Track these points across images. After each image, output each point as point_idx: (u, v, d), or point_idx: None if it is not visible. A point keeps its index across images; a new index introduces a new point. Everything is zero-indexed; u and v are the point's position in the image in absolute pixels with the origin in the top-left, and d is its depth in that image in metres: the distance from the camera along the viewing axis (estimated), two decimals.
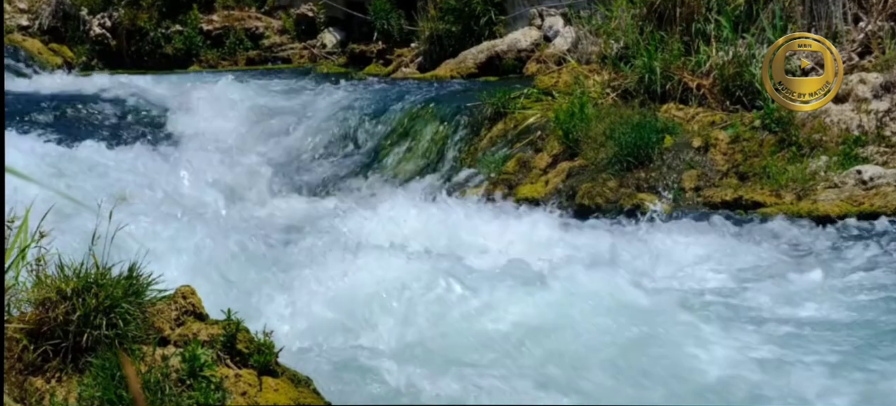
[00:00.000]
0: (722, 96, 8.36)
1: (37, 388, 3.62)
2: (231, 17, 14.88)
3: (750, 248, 6.41)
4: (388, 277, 5.31)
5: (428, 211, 7.37)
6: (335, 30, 14.58)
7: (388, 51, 13.72)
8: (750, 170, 7.37)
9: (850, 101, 7.61)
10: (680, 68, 8.62)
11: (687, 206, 7.22)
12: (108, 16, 14.70)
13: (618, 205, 7.36)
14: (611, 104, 8.59)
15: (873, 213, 6.64)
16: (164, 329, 3.90)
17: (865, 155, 7.20)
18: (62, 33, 14.74)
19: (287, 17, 14.93)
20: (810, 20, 8.70)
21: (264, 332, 3.94)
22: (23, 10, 14.92)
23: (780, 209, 6.92)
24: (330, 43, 14.49)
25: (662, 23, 9.15)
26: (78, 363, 3.66)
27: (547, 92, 9.51)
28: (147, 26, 14.66)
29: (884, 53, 7.99)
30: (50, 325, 3.66)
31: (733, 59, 8.37)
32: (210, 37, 14.70)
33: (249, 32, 14.80)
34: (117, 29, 14.70)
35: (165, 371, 3.61)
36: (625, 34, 9.36)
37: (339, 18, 14.61)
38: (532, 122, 8.87)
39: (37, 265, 3.76)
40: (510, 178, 8.23)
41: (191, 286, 4.09)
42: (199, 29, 14.66)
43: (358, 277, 5.40)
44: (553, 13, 11.91)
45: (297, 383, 4.00)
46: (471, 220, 7.12)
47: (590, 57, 10.01)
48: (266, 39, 14.83)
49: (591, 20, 10.54)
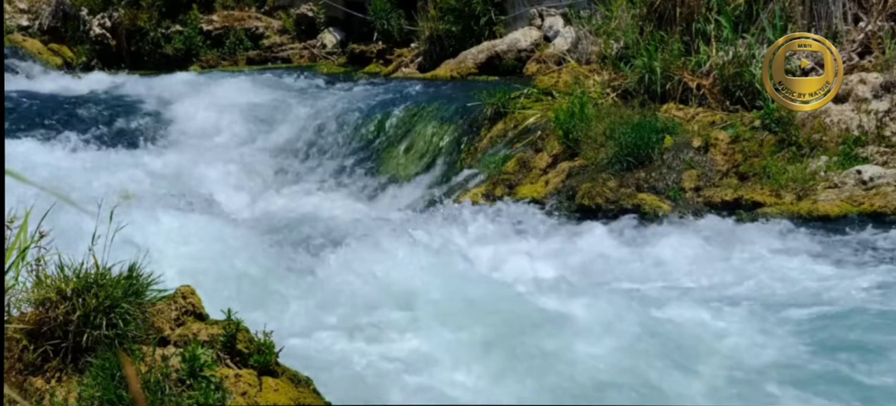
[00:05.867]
0: (722, 96, 8.36)
1: (37, 388, 3.62)
2: (231, 17, 14.87)
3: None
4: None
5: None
6: (335, 30, 14.58)
7: (388, 51, 13.71)
8: (750, 170, 7.37)
9: (850, 101, 7.61)
10: (680, 68, 8.62)
11: (687, 206, 7.22)
12: (108, 16, 14.69)
13: (618, 205, 7.36)
14: (611, 104, 8.59)
15: (873, 213, 6.64)
16: (164, 329, 3.90)
17: (865, 155, 7.20)
18: (62, 33, 14.73)
19: (287, 17, 14.92)
20: (810, 20, 8.70)
21: (264, 332, 3.93)
22: (23, 10, 14.91)
23: (779, 209, 6.92)
24: (330, 43, 14.48)
25: (662, 23, 9.15)
26: (78, 363, 3.66)
27: (547, 92, 9.51)
28: (147, 26, 14.65)
29: (884, 53, 7.99)
30: (50, 325, 3.66)
31: (733, 59, 8.37)
32: (210, 37, 14.69)
33: (249, 32, 14.79)
34: (117, 29, 14.69)
35: (165, 371, 3.61)
36: (625, 34, 9.35)
37: (339, 18, 14.61)
38: (532, 122, 8.87)
39: (37, 265, 3.76)
40: (510, 178, 8.23)
41: (190, 286, 4.09)
42: (199, 29, 14.65)
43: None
44: (553, 13, 11.90)
45: (297, 383, 4.00)
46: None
47: (590, 57, 10.00)
48: (266, 39, 14.82)
49: (591, 20, 10.53)
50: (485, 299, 5.24)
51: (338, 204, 8.90)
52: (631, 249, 6.71)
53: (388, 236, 6.85)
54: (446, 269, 5.61)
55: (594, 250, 6.73)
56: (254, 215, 8.47)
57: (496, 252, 6.76)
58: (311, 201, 9.07)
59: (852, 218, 6.69)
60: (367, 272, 5.51)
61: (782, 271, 6.04)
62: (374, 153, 9.80)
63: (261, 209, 8.75)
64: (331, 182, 9.57)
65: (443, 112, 9.78)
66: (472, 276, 5.65)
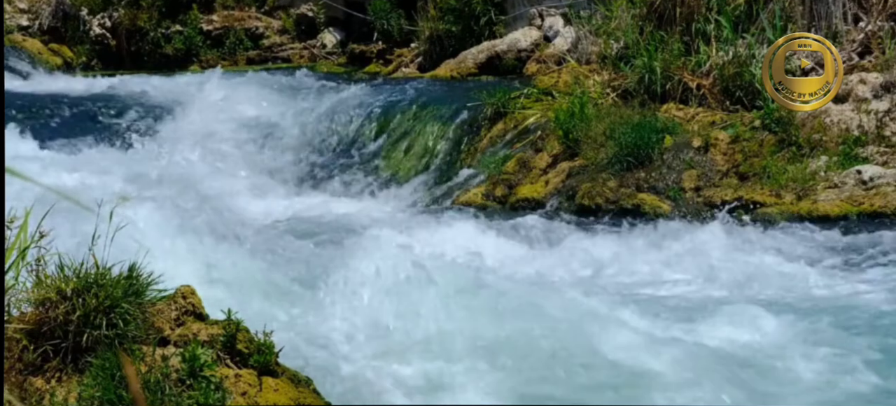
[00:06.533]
0: (722, 96, 8.36)
1: (37, 388, 3.62)
2: (231, 17, 14.87)
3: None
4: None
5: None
6: (335, 30, 14.58)
7: (388, 51, 13.71)
8: (750, 170, 7.37)
9: (850, 101, 7.61)
10: (680, 68, 8.62)
11: (687, 206, 7.22)
12: (108, 16, 14.69)
13: (618, 205, 7.36)
14: (611, 104, 8.59)
15: (873, 213, 6.64)
16: (164, 329, 3.90)
17: (865, 155, 7.20)
18: (62, 33, 14.72)
19: (287, 17, 14.92)
20: (810, 20, 8.70)
21: (264, 332, 3.93)
22: (23, 10, 14.91)
23: (779, 209, 6.92)
24: (330, 43, 14.48)
25: (662, 23, 9.15)
26: (78, 363, 3.66)
27: (547, 92, 9.51)
28: (147, 26, 14.64)
29: (884, 53, 7.99)
30: (50, 325, 3.66)
31: (733, 59, 8.37)
32: (210, 37, 14.69)
33: (249, 32, 14.79)
34: (117, 29, 14.69)
35: (165, 371, 3.61)
36: (625, 34, 9.35)
37: (339, 18, 14.60)
38: (532, 122, 8.86)
39: (37, 265, 3.76)
40: (510, 178, 8.23)
41: (190, 286, 4.09)
42: (199, 29, 14.65)
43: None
44: (553, 13, 11.90)
45: (297, 383, 4.00)
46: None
47: (590, 57, 10.00)
48: (266, 39, 14.82)
49: (591, 20, 10.53)
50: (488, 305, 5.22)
51: (337, 204, 8.90)
52: (632, 250, 6.70)
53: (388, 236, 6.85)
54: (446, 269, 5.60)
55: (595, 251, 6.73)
56: (254, 215, 8.46)
57: (496, 252, 6.75)
58: (311, 201, 9.08)
59: (852, 218, 6.69)
60: (367, 272, 5.50)
61: (782, 272, 6.03)
62: (373, 153, 9.80)
63: (260, 209, 8.74)
64: (330, 182, 9.57)
65: (443, 112, 9.78)
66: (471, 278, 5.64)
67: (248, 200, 8.94)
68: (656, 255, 6.53)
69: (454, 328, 4.90)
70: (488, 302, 5.16)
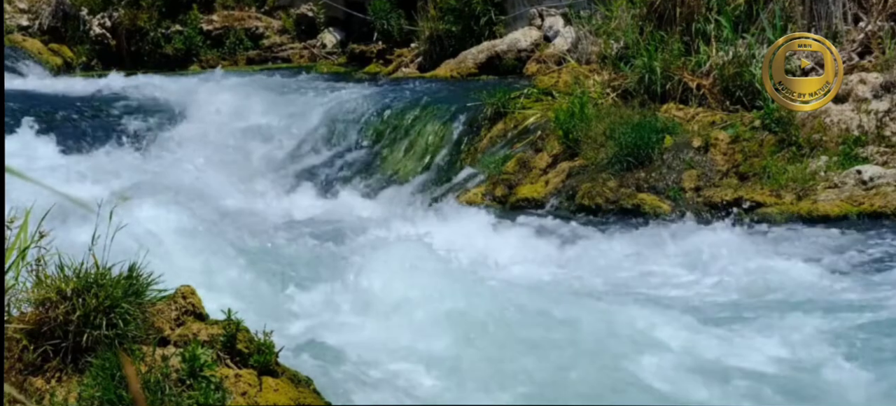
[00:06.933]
0: (722, 96, 8.36)
1: (37, 388, 3.62)
2: (231, 17, 14.87)
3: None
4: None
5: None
6: (335, 30, 14.58)
7: (388, 51, 13.70)
8: (750, 170, 7.37)
9: (850, 101, 7.61)
10: (680, 68, 8.62)
11: (687, 206, 7.22)
12: (108, 16, 14.68)
13: (618, 205, 7.36)
14: (611, 104, 8.59)
15: (874, 213, 6.64)
16: (164, 329, 3.90)
17: (865, 155, 7.20)
18: (62, 33, 14.72)
19: (287, 17, 14.92)
20: (810, 20, 8.70)
21: (264, 332, 3.93)
22: (23, 10, 14.91)
23: (779, 209, 6.92)
24: (330, 43, 14.48)
25: (662, 23, 9.15)
26: (78, 363, 3.66)
27: (547, 92, 9.51)
28: (147, 26, 14.64)
29: (884, 53, 7.99)
30: (50, 325, 3.66)
31: (733, 59, 8.37)
32: (210, 37, 14.69)
33: (249, 32, 14.79)
34: (117, 29, 14.69)
35: (165, 371, 3.61)
36: (625, 34, 9.35)
37: (339, 18, 14.60)
38: (532, 122, 8.86)
39: (37, 265, 3.75)
40: (510, 178, 8.23)
41: (190, 286, 4.09)
42: (199, 29, 14.65)
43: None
44: (553, 13, 11.90)
45: (298, 383, 4.00)
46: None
47: (590, 57, 10.00)
48: (266, 39, 14.81)
49: (591, 20, 10.53)
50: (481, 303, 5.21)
51: (338, 204, 8.90)
52: (632, 250, 6.70)
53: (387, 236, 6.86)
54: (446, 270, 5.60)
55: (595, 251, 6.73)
56: (254, 215, 8.46)
57: (495, 252, 6.75)
58: (311, 202, 9.08)
59: (852, 218, 6.68)
60: (367, 273, 5.50)
61: (782, 272, 6.03)
62: (373, 153, 9.80)
63: (260, 209, 8.74)
64: (330, 182, 9.57)
65: (443, 112, 9.78)
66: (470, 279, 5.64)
67: (248, 201, 8.94)
68: (660, 254, 6.52)
69: (455, 328, 4.90)
70: (491, 305, 5.15)
